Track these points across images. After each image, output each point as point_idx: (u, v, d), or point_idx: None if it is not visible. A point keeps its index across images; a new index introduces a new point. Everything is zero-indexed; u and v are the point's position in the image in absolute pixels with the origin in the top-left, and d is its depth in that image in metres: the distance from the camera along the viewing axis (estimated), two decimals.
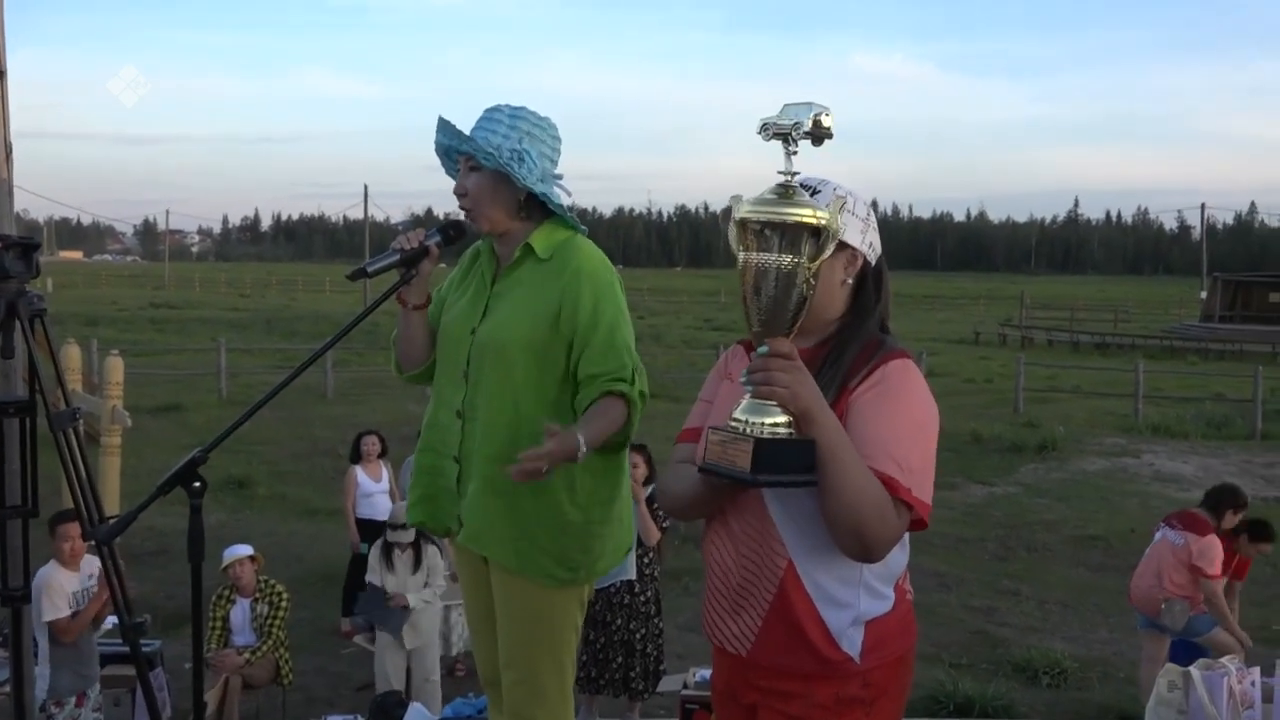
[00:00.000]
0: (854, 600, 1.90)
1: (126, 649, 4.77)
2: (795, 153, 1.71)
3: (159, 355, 23.59)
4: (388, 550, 5.66)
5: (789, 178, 1.71)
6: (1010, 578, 8.56)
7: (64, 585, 4.63)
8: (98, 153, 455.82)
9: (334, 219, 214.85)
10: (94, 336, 20.96)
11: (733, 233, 1.76)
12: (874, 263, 1.99)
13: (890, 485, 1.77)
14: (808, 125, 1.69)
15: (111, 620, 5.36)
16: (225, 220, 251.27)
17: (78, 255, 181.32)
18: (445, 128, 2.68)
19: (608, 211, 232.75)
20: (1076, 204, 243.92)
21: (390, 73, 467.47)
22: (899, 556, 1.96)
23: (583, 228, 2.76)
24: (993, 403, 18.95)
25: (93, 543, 3.10)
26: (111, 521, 2.18)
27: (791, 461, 1.71)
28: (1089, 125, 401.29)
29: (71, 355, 9.73)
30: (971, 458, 13.62)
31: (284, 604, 5.55)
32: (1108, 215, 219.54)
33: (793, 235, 1.68)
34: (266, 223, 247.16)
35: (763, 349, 1.73)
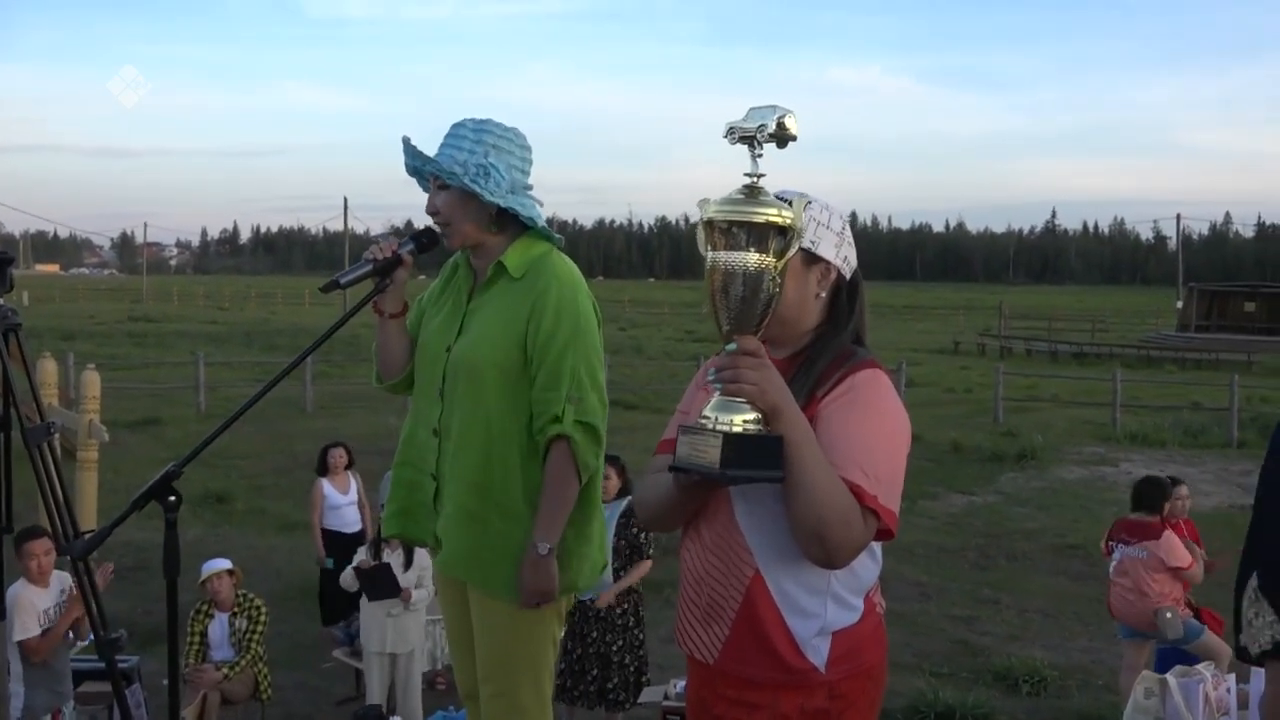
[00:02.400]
0: (820, 610, 1.91)
1: (102, 665, 4.76)
2: (760, 155, 1.73)
3: (137, 369, 23.44)
4: (376, 548, 5.61)
5: (755, 179, 1.74)
6: (990, 587, 8.59)
7: (34, 603, 4.57)
8: (75, 165, 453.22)
9: (313, 231, 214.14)
10: (71, 350, 20.79)
11: (700, 235, 1.78)
12: (849, 277, 2.01)
13: (857, 493, 1.77)
14: (771, 128, 1.71)
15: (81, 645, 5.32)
16: (204, 233, 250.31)
17: (54, 268, 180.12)
18: (409, 149, 2.69)
19: (589, 223, 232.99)
20: (1054, 215, 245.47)
21: (369, 85, 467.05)
22: (869, 568, 1.97)
23: (558, 237, 2.76)
24: (972, 412, 19.04)
25: (66, 558, 3.07)
26: (86, 537, 2.17)
27: (760, 457, 1.73)
28: (1066, 137, 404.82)
29: (48, 369, 9.64)
30: (951, 467, 13.68)
31: (262, 618, 5.51)
32: (1085, 226, 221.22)
33: (759, 234, 1.70)
34: (245, 235, 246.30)
35: (731, 346, 1.75)
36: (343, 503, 7.02)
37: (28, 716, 4.52)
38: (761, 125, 1.71)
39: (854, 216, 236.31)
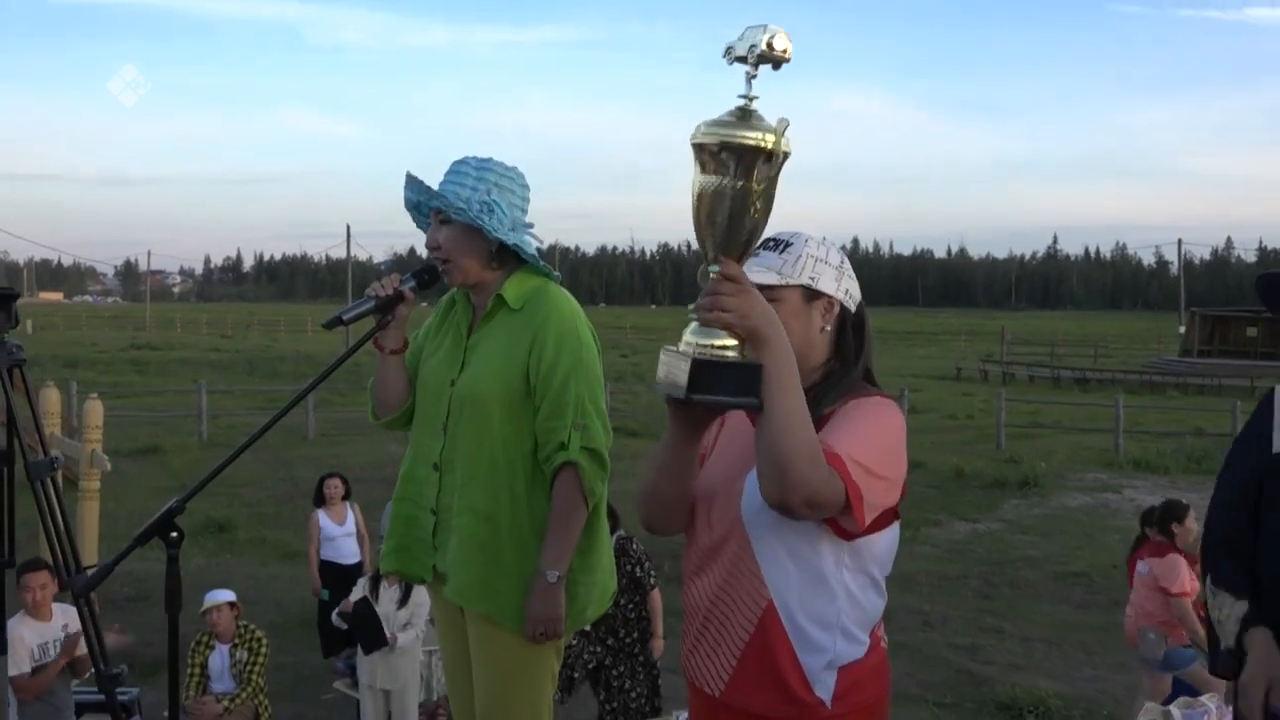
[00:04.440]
0: (830, 645, 1.90)
1: (104, 698, 4.74)
2: (755, 76, 1.71)
3: (139, 397, 23.43)
4: (375, 582, 5.61)
5: (748, 100, 1.71)
6: (994, 615, 8.55)
7: (25, 639, 4.52)
8: (79, 194, 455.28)
9: (316, 259, 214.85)
10: (74, 378, 20.82)
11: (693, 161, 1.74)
12: (854, 310, 2.02)
13: (833, 460, 1.75)
14: (762, 46, 1.69)
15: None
16: (207, 260, 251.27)
17: (58, 296, 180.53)
18: (413, 184, 2.72)
19: (590, 250, 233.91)
20: (1055, 240, 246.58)
21: (371, 113, 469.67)
22: (875, 601, 1.97)
23: (556, 274, 2.79)
24: (975, 439, 19.01)
25: (69, 593, 3.06)
26: (89, 572, 2.17)
27: (729, 383, 1.69)
28: (1067, 162, 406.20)
29: (50, 398, 9.66)
30: (954, 494, 13.65)
31: (263, 650, 5.49)
32: (1086, 251, 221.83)
33: (748, 158, 1.68)
34: (249, 263, 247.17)
35: (714, 267, 1.73)
36: (339, 534, 7.01)
37: None
38: (753, 46, 1.69)
39: (856, 242, 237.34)
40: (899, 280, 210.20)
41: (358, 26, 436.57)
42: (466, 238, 2.66)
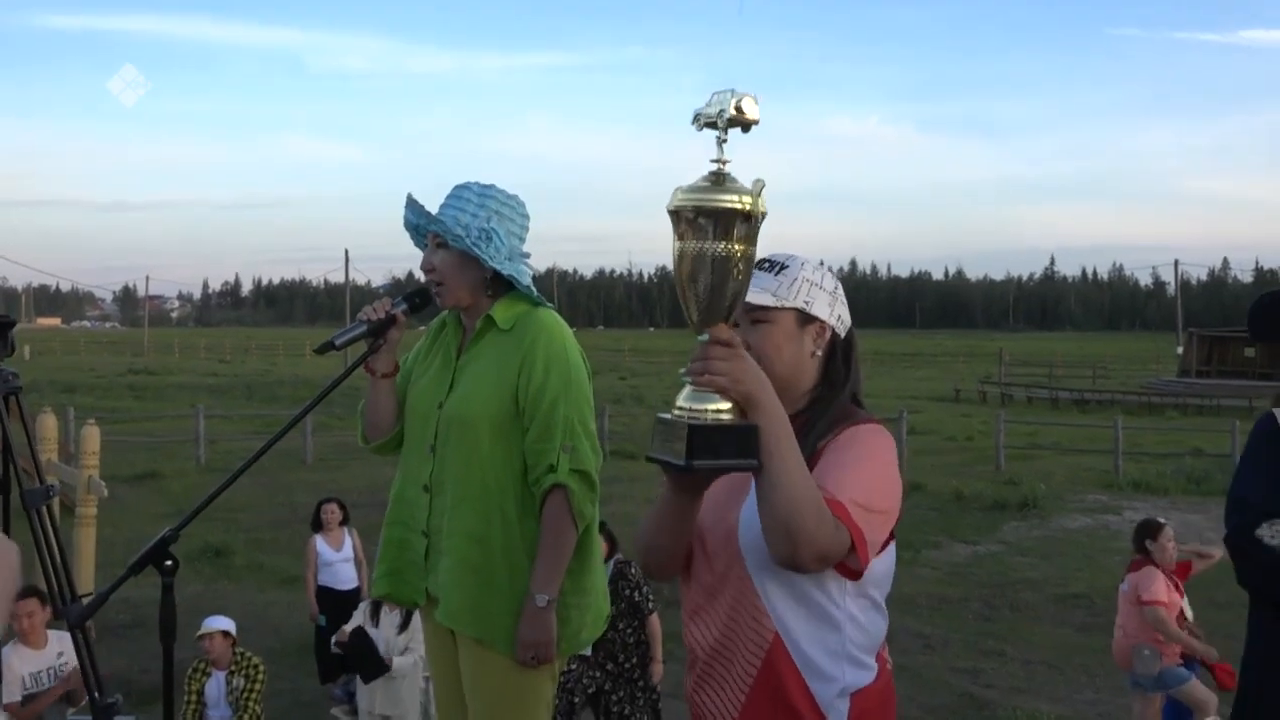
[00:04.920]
0: (840, 673, 1.89)
1: None
2: (725, 141, 1.72)
3: (137, 422, 23.41)
4: (376, 607, 5.58)
5: (720, 165, 1.72)
6: (995, 638, 8.51)
7: (16, 667, 4.49)
8: (77, 219, 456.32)
9: (315, 283, 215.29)
10: (71, 404, 20.79)
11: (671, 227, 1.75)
12: (843, 335, 2.02)
13: (835, 507, 1.75)
14: (730, 111, 1.70)
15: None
16: (205, 285, 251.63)
17: (56, 322, 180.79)
18: (414, 206, 2.72)
19: (589, 273, 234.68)
20: (1053, 261, 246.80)
21: (370, 137, 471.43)
22: (878, 623, 1.96)
23: (549, 304, 2.79)
24: (974, 460, 18.99)
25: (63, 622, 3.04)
26: (85, 601, 2.16)
27: (729, 447, 1.70)
28: (1064, 184, 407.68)
29: (47, 425, 9.63)
30: (954, 516, 13.62)
31: (260, 677, 5.46)
32: (1084, 272, 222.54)
33: (725, 221, 1.69)
34: (247, 287, 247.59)
35: (703, 337, 1.73)
36: (336, 559, 6.98)
37: None
38: (721, 111, 1.70)
39: (853, 265, 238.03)
40: (896, 302, 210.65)
41: (361, 53, 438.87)
42: (462, 264, 2.67)
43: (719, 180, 1.71)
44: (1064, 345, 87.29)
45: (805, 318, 1.96)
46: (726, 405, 1.72)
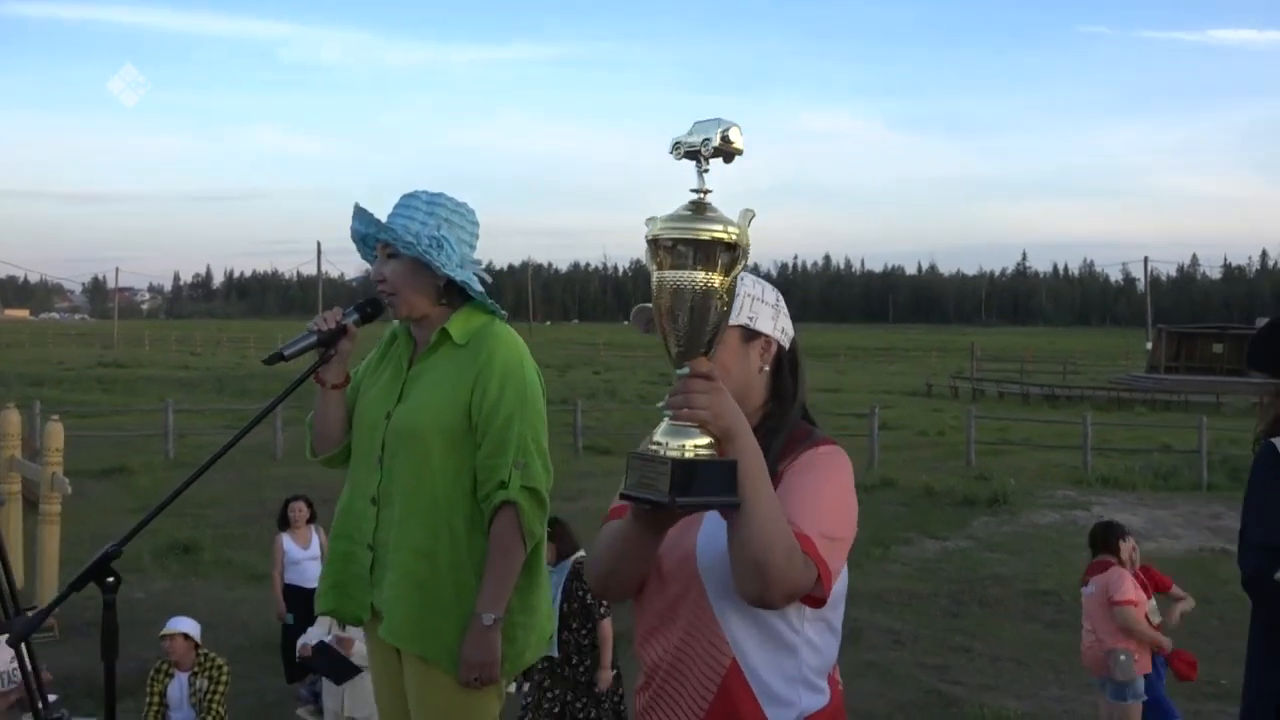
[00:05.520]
0: (796, 698, 1.87)
1: None
2: (707, 170, 1.68)
3: (106, 416, 23.16)
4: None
5: (702, 195, 1.68)
6: (963, 634, 8.55)
7: None
8: (46, 210, 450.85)
9: (287, 275, 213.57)
10: (38, 397, 20.55)
11: (647, 254, 1.71)
12: (788, 347, 2.00)
13: (804, 542, 1.74)
14: (716, 141, 1.66)
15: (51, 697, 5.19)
16: (176, 277, 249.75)
17: (24, 314, 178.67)
18: (362, 215, 2.67)
19: (563, 266, 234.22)
20: (1024, 257, 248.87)
21: (343, 130, 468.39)
22: (831, 643, 1.94)
23: (503, 313, 2.76)
24: (945, 455, 19.10)
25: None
26: (28, 615, 2.12)
27: (711, 483, 1.66)
28: (1035, 180, 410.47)
29: (10, 420, 9.52)
30: (924, 511, 13.69)
31: (224, 678, 5.41)
32: (1055, 268, 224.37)
33: (706, 252, 1.65)
34: (218, 280, 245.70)
35: (682, 370, 1.70)
36: (303, 557, 6.92)
37: None
38: (705, 140, 1.66)
39: (827, 259, 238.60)
40: (870, 297, 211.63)
41: (334, 44, 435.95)
42: (414, 273, 2.63)
43: (700, 209, 1.67)
44: (1035, 340, 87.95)
45: (749, 333, 1.93)
46: (705, 440, 1.68)
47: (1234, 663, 7.48)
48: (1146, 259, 59.56)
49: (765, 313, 1.95)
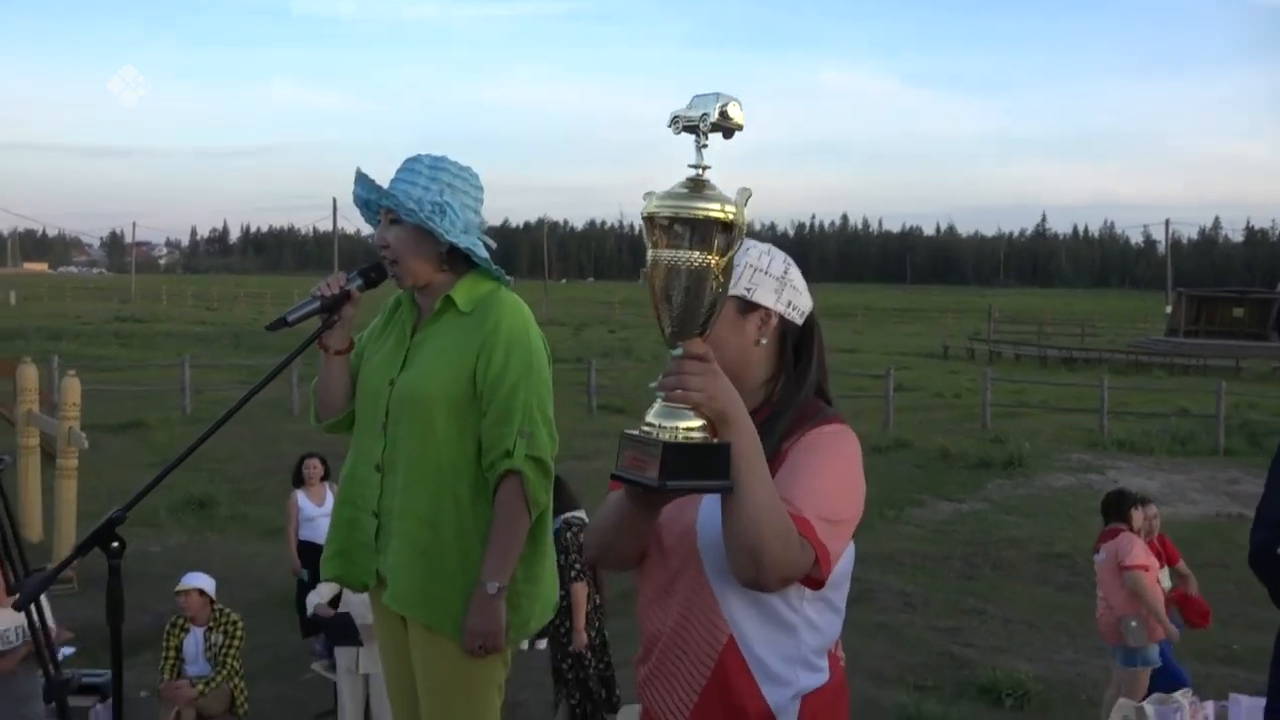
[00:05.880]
0: (794, 677, 1.85)
1: (84, 677, 4.68)
2: (705, 146, 1.63)
3: (123, 371, 23.29)
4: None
5: (700, 171, 1.63)
6: (976, 596, 8.56)
7: None
8: (65, 164, 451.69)
9: (303, 231, 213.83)
10: (57, 351, 20.68)
11: (644, 231, 1.67)
12: (801, 322, 1.94)
13: (801, 525, 1.71)
14: (714, 116, 1.61)
15: (64, 651, 5.24)
16: (193, 232, 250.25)
17: (43, 267, 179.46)
18: (363, 181, 2.63)
19: (579, 224, 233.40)
20: (1044, 218, 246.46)
21: (359, 85, 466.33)
22: (833, 622, 1.91)
23: (508, 279, 2.72)
24: (960, 418, 19.04)
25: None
26: (36, 577, 2.11)
27: (704, 467, 1.63)
28: (1056, 140, 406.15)
29: (28, 375, 9.58)
30: (938, 473, 13.67)
31: (239, 633, 5.44)
32: (1075, 229, 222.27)
33: (702, 230, 1.60)
34: (235, 235, 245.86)
35: (677, 351, 1.66)
36: (318, 514, 6.95)
37: None
38: (704, 114, 1.61)
39: (845, 219, 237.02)
40: (887, 257, 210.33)
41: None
42: (417, 239, 2.59)
43: (698, 186, 1.62)
44: (1053, 302, 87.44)
45: (746, 305, 1.87)
46: (698, 422, 1.65)
47: (1247, 628, 7.50)
48: (1168, 221, 59.04)
49: (767, 285, 1.89)
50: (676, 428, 1.63)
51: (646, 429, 1.65)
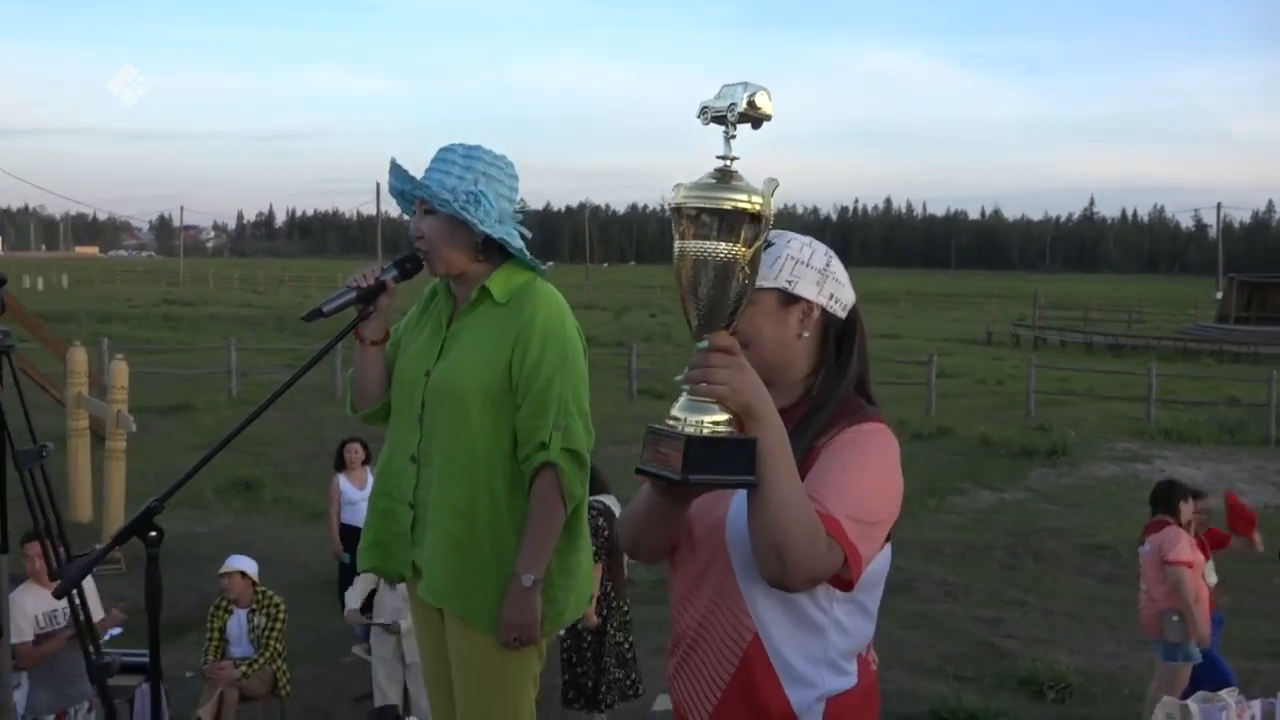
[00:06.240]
0: (819, 679, 1.83)
1: (131, 657, 4.77)
2: (734, 136, 1.62)
3: (171, 354, 23.65)
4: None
5: (727, 162, 1.62)
6: (1017, 587, 8.48)
7: (28, 608, 4.51)
8: (111, 148, 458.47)
9: (348, 215, 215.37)
10: (107, 334, 21.02)
11: (671, 222, 1.66)
12: (843, 316, 1.91)
13: (830, 524, 1.68)
14: (742, 106, 1.59)
15: (112, 632, 5.34)
16: (240, 216, 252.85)
17: (94, 250, 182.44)
18: (397, 171, 2.63)
19: (621, 208, 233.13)
20: (1092, 202, 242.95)
21: (404, 69, 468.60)
22: (863, 626, 1.89)
23: (543, 268, 2.71)
24: (1004, 405, 18.84)
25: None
26: (77, 563, 2.15)
27: (726, 462, 1.62)
28: (1104, 123, 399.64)
29: (77, 358, 9.75)
30: (981, 462, 13.55)
31: (281, 615, 5.52)
32: (1123, 213, 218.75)
33: (730, 222, 1.59)
34: (280, 218, 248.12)
35: (703, 344, 1.65)
36: (359, 498, 7.01)
37: (30, 716, 4.53)
38: (732, 104, 1.59)
39: (888, 203, 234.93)
40: (932, 241, 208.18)
41: None
42: (451, 229, 2.58)
43: (725, 177, 1.61)
44: (1101, 288, 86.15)
45: (788, 298, 1.85)
46: (724, 416, 1.63)
47: None
48: (1219, 205, 57.97)
49: (809, 277, 1.87)
50: (701, 421, 1.62)
51: (671, 422, 1.64)
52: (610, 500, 5.35)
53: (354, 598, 5.72)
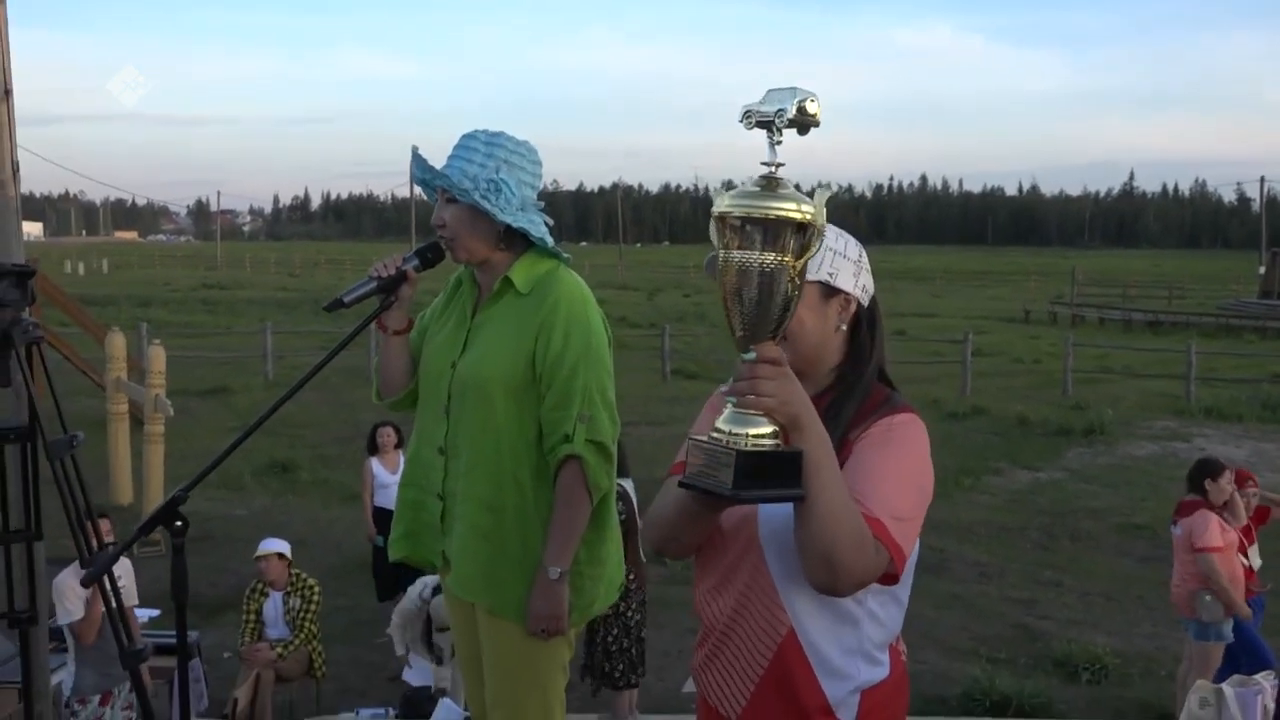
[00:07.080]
0: (855, 671, 1.83)
1: (170, 640, 4.84)
2: (779, 142, 1.57)
3: (208, 337, 23.93)
4: (429, 634, 5.46)
5: (773, 169, 1.57)
6: (1053, 568, 8.42)
7: (75, 587, 4.61)
8: (148, 134, 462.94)
9: (382, 198, 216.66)
10: (146, 318, 21.29)
11: (713, 231, 1.62)
12: (866, 304, 1.90)
13: (874, 526, 1.68)
14: (791, 113, 1.54)
15: (150, 613, 5.43)
16: (276, 200, 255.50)
17: (133, 235, 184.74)
18: (419, 161, 2.61)
19: (654, 188, 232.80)
20: (1132, 176, 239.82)
21: (437, 52, 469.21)
22: (895, 616, 1.88)
23: (566, 256, 2.70)
24: (1041, 384, 18.67)
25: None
26: (106, 553, 2.18)
27: (776, 475, 1.60)
28: (1144, 96, 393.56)
29: (116, 343, 9.88)
30: (1017, 441, 13.44)
31: (316, 598, 5.58)
32: (1164, 188, 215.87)
33: (775, 231, 1.54)
34: (316, 202, 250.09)
35: (749, 355, 1.62)
36: (392, 481, 7.06)
37: (77, 696, 4.62)
38: (780, 110, 1.54)
39: (924, 180, 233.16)
40: (968, 218, 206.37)
41: None
42: (473, 218, 2.57)
43: (771, 185, 1.56)
44: (1140, 264, 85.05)
45: (829, 290, 1.84)
46: (769, 429, 1.61)
47: None
48: (1263, 178, 56.87)
49: (846, 269, 1.85)
50: (747, 434, 1.59)
51: (716, 435, 1.61)
52: (627, 484, 5.34)
53: (399, 615, 5.63)
